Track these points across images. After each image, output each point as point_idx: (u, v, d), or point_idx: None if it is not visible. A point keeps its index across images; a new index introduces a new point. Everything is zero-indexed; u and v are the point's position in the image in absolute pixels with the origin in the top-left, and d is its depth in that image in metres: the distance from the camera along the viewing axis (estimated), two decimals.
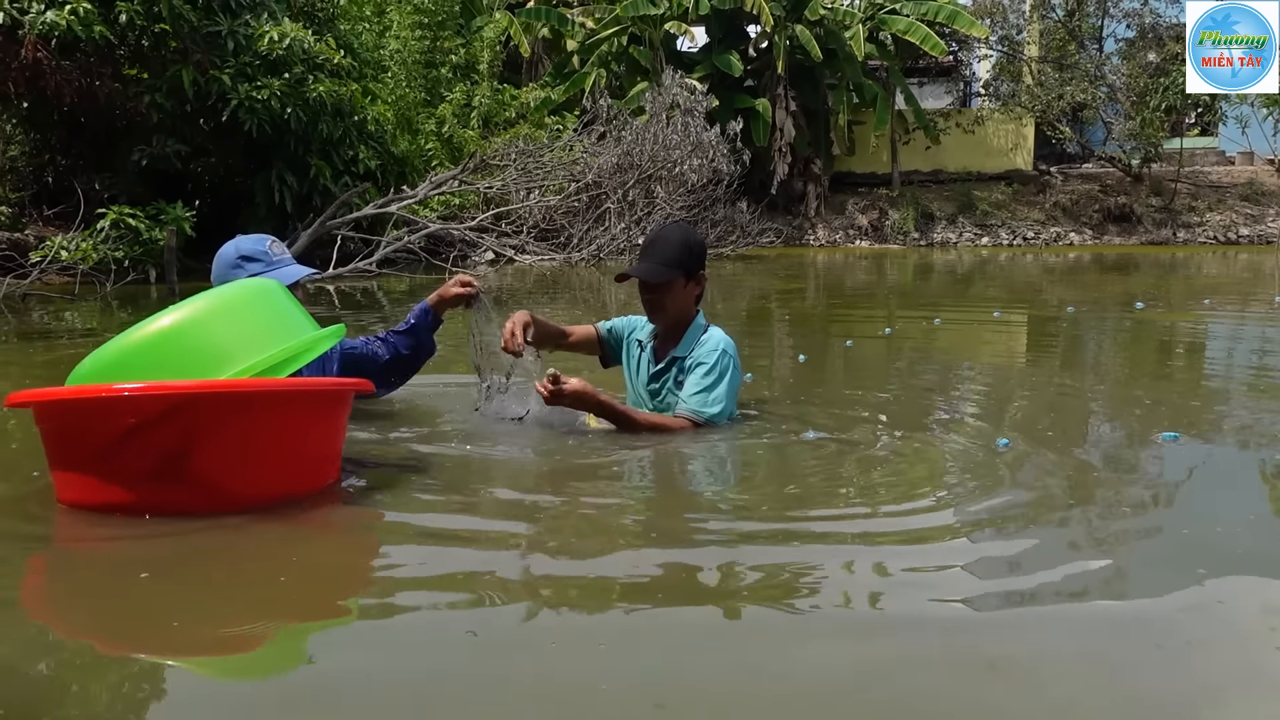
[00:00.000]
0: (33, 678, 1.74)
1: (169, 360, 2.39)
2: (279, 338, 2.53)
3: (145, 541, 2.32)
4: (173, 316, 2.43)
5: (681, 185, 15.43)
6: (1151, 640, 1.87)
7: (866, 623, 1.97)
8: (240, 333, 2.49)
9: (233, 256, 3.03)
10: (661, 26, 20.12)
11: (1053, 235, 20.98)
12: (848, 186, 22.37)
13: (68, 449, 2.44)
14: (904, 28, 19.92)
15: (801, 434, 3.29)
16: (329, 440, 2.69)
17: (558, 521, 2.57)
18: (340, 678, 1.74)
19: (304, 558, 2.33)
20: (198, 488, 2.40)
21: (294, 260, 3.11)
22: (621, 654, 1.81)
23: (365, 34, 17.56)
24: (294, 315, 2.64)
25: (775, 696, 1.64)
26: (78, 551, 2.42)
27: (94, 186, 12.61)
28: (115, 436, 2.33)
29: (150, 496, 2.38)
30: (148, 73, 12.57)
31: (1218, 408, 4.16)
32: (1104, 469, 3.05)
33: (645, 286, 3.25)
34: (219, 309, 2.52)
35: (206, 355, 2.42)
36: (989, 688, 1.69)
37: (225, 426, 2.41)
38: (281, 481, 2.54)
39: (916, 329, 7.38)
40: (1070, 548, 2.33)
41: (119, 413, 2.30)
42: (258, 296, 2.61)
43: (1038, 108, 21.25)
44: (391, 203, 13.23)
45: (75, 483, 2.45)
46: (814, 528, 2.45)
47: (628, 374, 3.51)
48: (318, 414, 2.63)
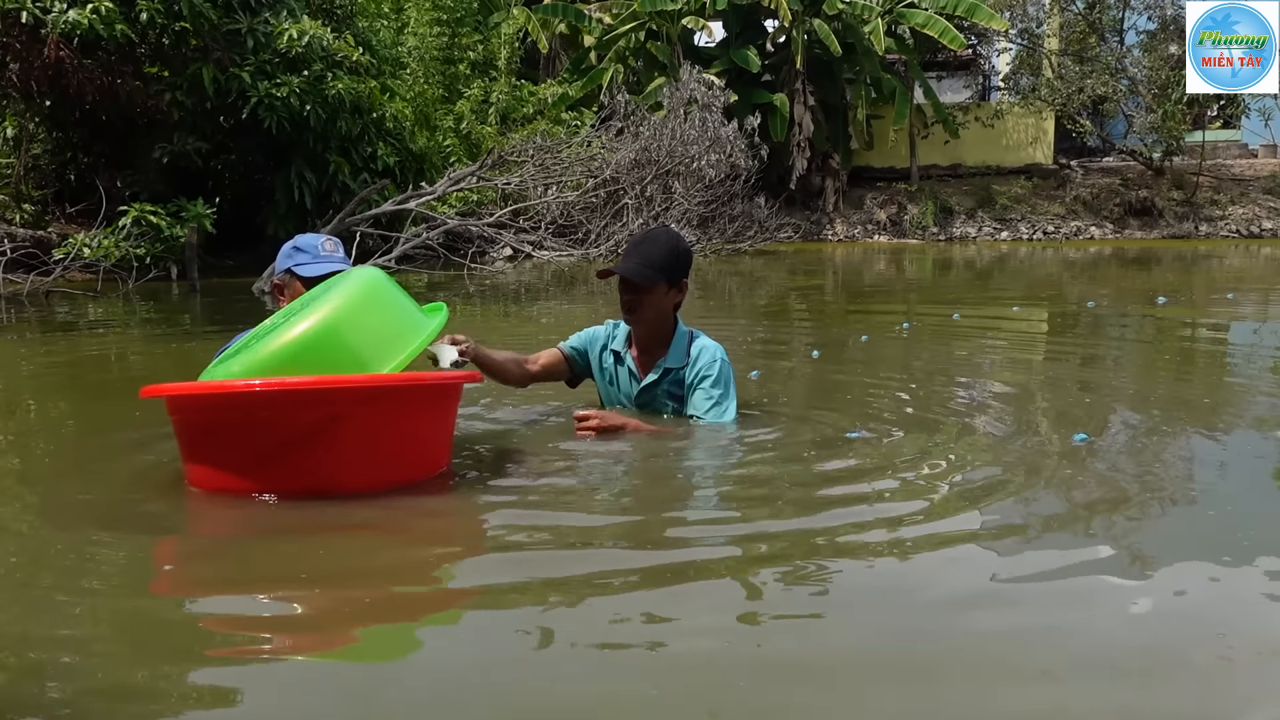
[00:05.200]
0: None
1: (328, 359, 2.53)
2: (410, 329, 2.72)
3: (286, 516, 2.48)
4: (319, 318, 2.57)
5: (699, 180, 15.42)
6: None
7: (888, 613, 1.97)
8: (383, 329, 2.67)
9: (289, 248, 3.15)
10: (679, 22, 20.10)
11: (1073, 229, 20.85)
12: (866, 181, 22.30)
13: (233, 438, 2.55)
14: (922, 21, 19.83)
15: (846, 433, 3.28)
16: (446, 429, 2.84)
17: (657, 517, 2.59)
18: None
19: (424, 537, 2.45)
20: (339, 475, 2.57)
21: (346, 259, 3.16)
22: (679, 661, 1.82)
23: (383, 31, 17.63)
24: (406, 301, 2.83)
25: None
26: (221, 526, 2.55)
27: (115, 184, 12.71)
28: (302, 427, 2.50)
29: (293, 482, 2.55)
30: (168, 70, 12.67)
31: (1240, 404, 4.13)
32: (1158, 464, 3.04)
33: (626, 286, 3.20)
34: (352, 313, 2.64)
35: (362, 352, 2.59)
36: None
37: (381, 418, 2.60)
38: (407, 467, 2.71)
39: (935, 324, 7.35)
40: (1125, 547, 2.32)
41: (320, 404, 2.49)
42: (381, 291, 2.75)
43: (1058, 101, 21.11)
44: (410, 199, 13.28)
45: (222, 469, 2.59)
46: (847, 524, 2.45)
47: (604, 387, 3.45)
48: (443, 404, 2.80)
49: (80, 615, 1.99)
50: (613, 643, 1.85)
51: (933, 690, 1.68)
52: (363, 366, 2.56)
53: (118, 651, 1.87)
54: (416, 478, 2.71)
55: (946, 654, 1.80)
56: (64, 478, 3.01)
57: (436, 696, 1.66)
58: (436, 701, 1.64)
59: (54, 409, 4.54)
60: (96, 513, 2.61)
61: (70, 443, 3.59)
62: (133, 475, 2.95)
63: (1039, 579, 2.14)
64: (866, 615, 1.98)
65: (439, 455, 2.82)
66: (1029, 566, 2.21)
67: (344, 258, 3.16)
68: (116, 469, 3.05)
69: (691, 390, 3.26)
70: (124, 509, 2.65)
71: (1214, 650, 1.79)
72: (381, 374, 2.57)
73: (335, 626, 2.00)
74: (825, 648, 1.84)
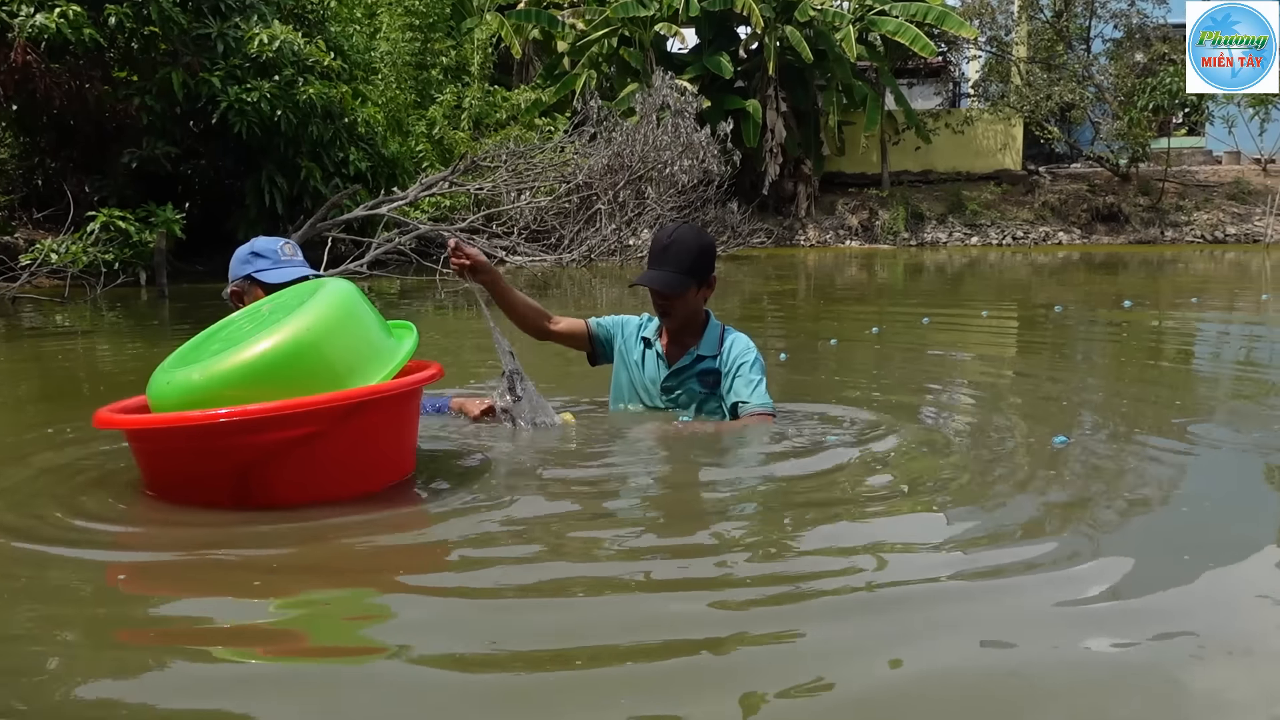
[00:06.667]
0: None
1: (303, 376, 2.43)
2: (383, 352, 2.62)
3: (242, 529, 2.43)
4: (285, 335, 2.45)
5: (672, 186, 15.47)
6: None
7: (866, 609, 2.00)
8: (351, 351, 2.56)
9: (245, 253, 3.08)
10: (652, 28, 20.16)
11: (1041, 235, 21.07)
12: (838, 187, 22.44)
13: (193, 457, 2.48)
14: (893, 29, 20.00)
15: (827, 437, 3.31)
16: (409, 434, 2.79)
17: (635, 514, 2.61)
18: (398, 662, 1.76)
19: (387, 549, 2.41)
20: (305, 486, 2.52)
21: (305, 263, 3.12)
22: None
23: (356, 36, 17.56)
24: (376, 322, 2.72)
25: None
26: (169, 538, 2.48)
27: (84, 189, 12.58)
28: (265, 450, 2.42)
29: (254, 497, 2.49)
30: (137, 75, 12.57)
31: (1207, 405, 4.21)
32: (1109, 464, 3.09)
33: (658, 293, 3.27)
34: (330, 329, 2.54)
35: (328, 375, 2.49)
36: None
37: (343, 434, 2.51)
38: (370, 477, 2.65)
39: (904, 328, 7.42)
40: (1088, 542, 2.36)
41: (301, 424, 2.41)
42: (356, 306, 2.65)
43: (1026, 108, 21.33)
44: (382, 204, 13.24)
45: (183, 486, 2.54)
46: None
47: (628, 372, 3.49)
48: (407, 407, 2.73)
49: (30, 618, 1.98)
50: (574, 649, 1.84)
51: (896, 680, 1.71)
52: (339, 385, 2.47)
53: (71, 654, 1.86)
54: (381, 485, 2.67)
55: (917, 655, 1.82)
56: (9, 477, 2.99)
57: (397, 703, 1.66)
58: (398, 708, 1.64)
59: (17, 411, 4.50)
60: (49, 510, 2.58)
61: (18, 443, 3.56)
62: (81, 474, 2.92)
63: (1005, 577, 2.17)
64: (838, 611, 2.00)
65: (404, 461, 2.78)
66: (988, 561, 2.24)
67: (304, 261, 3.12)
68: (67, 470, 3.01)
69: (731, 377, 3.32)
70: (71, 507, 2.61)
71: (1186, 650, 1.81)
72: (342, 391, 2.46)
73: (298, 630, 2.00)
74: (798, 652, 1.86)
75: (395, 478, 2.74)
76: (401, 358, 2.62)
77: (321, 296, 2.60)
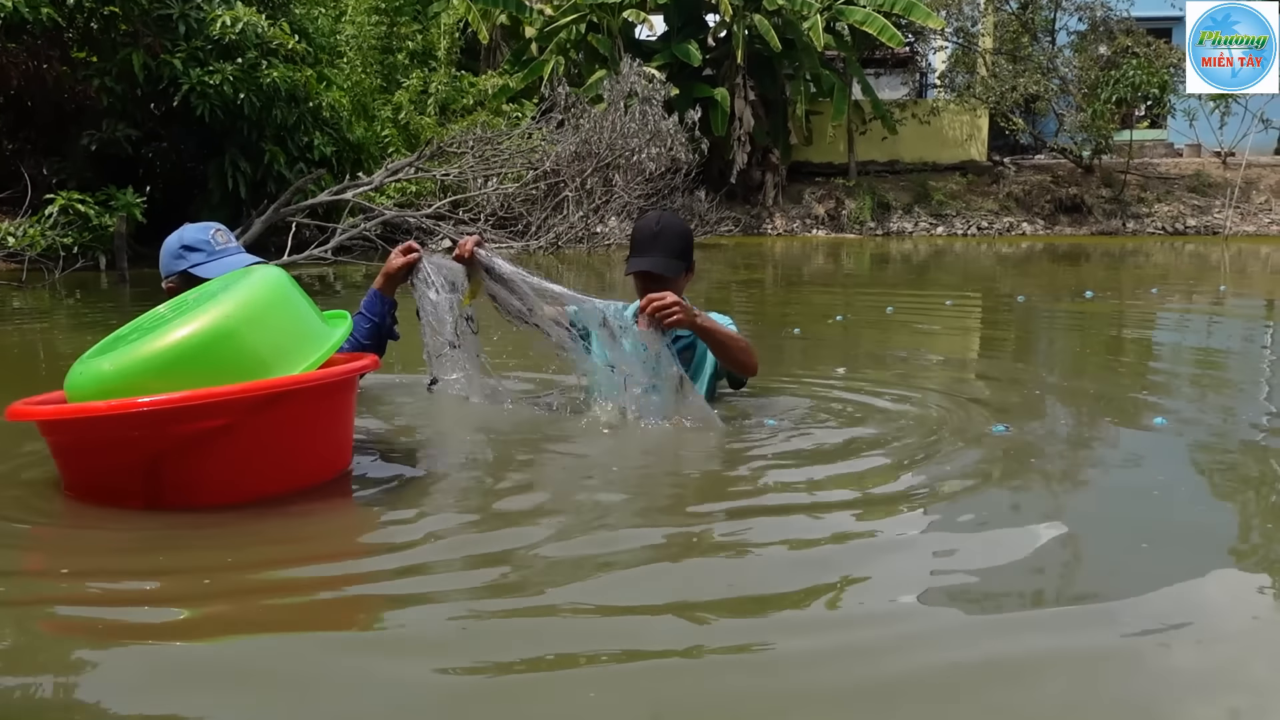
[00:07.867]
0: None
1: (222, 364, 2.31)
2: (311, 340, 2.50)
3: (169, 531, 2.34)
4: (201, 323, 2.33)
5: (640, 174, 15.44)
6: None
7: (834, 619, 2.01)
8: (276, 339, 2.44)
9: (175, 247, 2.96)
10: (620, 15, 20.08)
11: (1006, 225, 21.25)
12: (805, 176, 22.49)
13: (100, 452, 2.36)
14: (861, 18, 20.05)
15: (765, 420, 3.33)
16: (340, 427, 2.67)
17: (572, 503, 2.60)
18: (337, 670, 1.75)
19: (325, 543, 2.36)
20: (226, 483, 2.40)
21: (241, 249, 3.03)
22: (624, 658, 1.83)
23: (320, 19, 17.36)
24: (307, 309, 2.60)
25: None
26: (91, 536, 2.39)
27: (42, 171, 12.37)
28: (184, 437, 2.30)
29: (176, 495, 2.38)
30: (97, 56, 12.34)
31: (1161, 395, 4.27)
32: (1073, 452, 3.12)
33: (651, 278, 3.29)
34: (253, 316, 2.42)
35: (251, 364, 2.36)
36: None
37: (265, 424, 2.39)
38: (304, 472, 2.55)
39: (869, 316, 7.47)
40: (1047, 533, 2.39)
41: (211, 415, 2.27)
42: (281, 295, 2.53)
43: (991, 99, 21.48)
44: (347, 189, 13.12)
45: (93, 480, 2.42)
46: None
47: (602, 355, 3.48)
48: (336, 400, 2.60)
49: None
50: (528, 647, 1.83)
51: (850, 672, 1.73)
52: (263, 375, 2.35)
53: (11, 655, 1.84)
54: (312, 482, 2.57)
55: (877, 649, 1.83)
56: None
57: (341, 704, 1.64)
58: (342, 709, 1.63)
59: None
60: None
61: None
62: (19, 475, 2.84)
63: (965, 572, 2.19)
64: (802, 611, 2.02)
65: (337, 457, 2.68)
66: (960, 560, 2.27)
67: (240, 248, 3.01)
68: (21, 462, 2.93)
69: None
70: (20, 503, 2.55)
71: (1154, 639, 1.83)
72: (262, 380, 2.34)
73: (234, 624, 1.96)
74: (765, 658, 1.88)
75: (327, 475, 2.62)
76: (329, 347, 2.50)
77: (246, 283, 2.49)
